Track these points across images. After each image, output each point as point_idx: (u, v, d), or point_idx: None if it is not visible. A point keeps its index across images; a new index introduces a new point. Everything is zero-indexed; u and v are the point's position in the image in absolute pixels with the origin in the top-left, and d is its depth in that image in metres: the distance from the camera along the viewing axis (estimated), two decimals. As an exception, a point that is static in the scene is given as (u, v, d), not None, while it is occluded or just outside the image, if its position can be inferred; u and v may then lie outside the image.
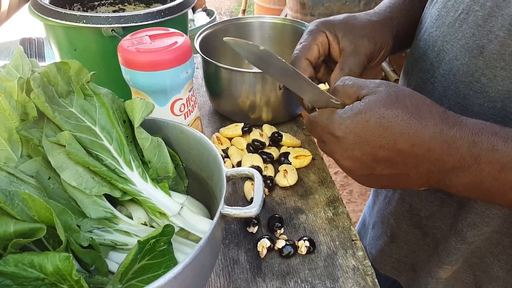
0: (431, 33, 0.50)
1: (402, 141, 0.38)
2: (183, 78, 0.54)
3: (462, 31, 0.45)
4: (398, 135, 0.38)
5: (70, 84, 0.45)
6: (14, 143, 0.44)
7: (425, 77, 0.51)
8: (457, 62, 0.46)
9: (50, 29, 0.65)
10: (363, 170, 0.41)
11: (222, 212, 0.39)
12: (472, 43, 0.44)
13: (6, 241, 0.35)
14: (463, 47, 0.45)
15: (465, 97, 0.46)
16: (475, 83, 0.44)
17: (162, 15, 0.63)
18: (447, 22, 0.47)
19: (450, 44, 0.47)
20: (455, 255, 0.53)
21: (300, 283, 0.49)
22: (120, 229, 0.44)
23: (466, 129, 0.37)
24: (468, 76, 0.45)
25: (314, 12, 2.14)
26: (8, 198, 0.35)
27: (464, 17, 0.45)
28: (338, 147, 0.41)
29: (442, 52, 0.48)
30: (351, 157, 0.41)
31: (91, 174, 0.43)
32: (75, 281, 0.35)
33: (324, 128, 0.42)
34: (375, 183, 0.43)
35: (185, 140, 0.50)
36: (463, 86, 0.46)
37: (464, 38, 0.45)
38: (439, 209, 0.54)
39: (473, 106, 0.45)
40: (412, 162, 0.39)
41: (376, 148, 0.39)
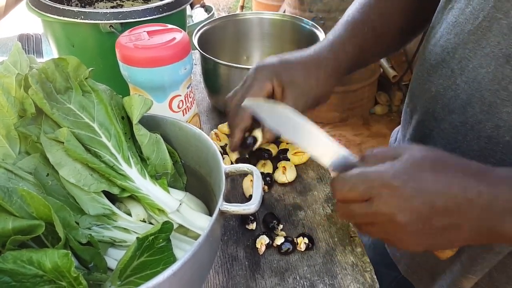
0: (449, 40, 0.50)
1: (456, 184, 0.39)
2: (182, 74, 0.54)
3: (486, 39, 0.44)
4: (452, 177, 0.39)
5: (68, 81, 0.45)
6: (12, 140, 0.44)
7: (446, 84, 0.51)
8: (482, 70, 0.45)
9: (48, 25, 0.65)
10: (417, 225, 0.40)
11: (221, 208, 0.39)
12: (498, 51, 0.43)
13: (4, 238, 0.35)
14: (488, 55, 0.45)
15: (491, 105, 0.45)
16: (502, 91, 0.44)
17: (161, 11, 0.63)
18: (466, 29, 0.47)
19: (473, 52, 0.46)
20: (481, 265, 0.52)
21: (299, 279, 0.49)
22: (118, 226, 0.44)
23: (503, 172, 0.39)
24: (494, 84, 0.45)
25: (312, 8, 2.13)
26: (6, 195, 0.35)
27: (487, 25, 0.44)
28: (396, 199, 0.39)
29: (465, 60, 0.47)
30: (409, 209, 0.39)
31: (89, 171, 0.43)
32: (74, 278, 0.35)
33: (374, 183, 0.40)
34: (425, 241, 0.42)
35: (184, 136, 0.50)
36: (489, 94, 0.45)
37: (489, 46, 0.44)
38: None
39: (500, 114, 0.45)
40: (465, 209, 0.39)
41: (434, 195, 0.39)
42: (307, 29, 0.79)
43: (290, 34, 0.83)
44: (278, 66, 0.55)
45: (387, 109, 2.46)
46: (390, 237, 0.42)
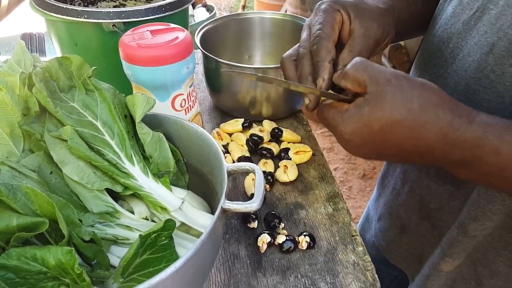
0: (446, 30, 0.51)
1: (406, 144, 0.39)
2: (184, 73, 0.54)
3: (477, 29, 0.46)
4: (403, 138, 0.39)
5: (72, 79, 0.45)
6: (16, 138, 0.44)
7: (438, 73, 0.52)
8: (469, 59, 0.47)
9: (51, 24, 0.65)
10: (371, 158, 0.44)
11: (223, 206, 0.39)
12: (484, 40, 0.45)
13: (8, 234, 0.36)
14: (476, 44, 0.46)
15: (474, 92, 0.47)
16: (484, 79, 0.45)
17: (163, 10, 0.63)
18: (462, 19, 0.48)
19: (464, 41, 0.48)
20: (457, 248, 0.54)
21: (300, 278, 0.50)
22: (121, 223, 0.44)
23: (471, 131, 0.37)
24: (478, 72, 0.46)
25: (313, 7, 2.13)
26: (10, 192, 0.35)
27: (479, 15, 0.46)
28: (345, 144, 0.43)
29: (457, 49, 0.49)
30: (359, 152, 0.43)
31: (92, 169, 0.43)
32: (77, 275, 0.35)
33: (332, 128, 0.43)
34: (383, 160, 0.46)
35: (186, 135, 0.50)
36: (473, 82, 0.47)
37: (477, 36, 0.46)
38: (447, 201, 0.55)
39: (482, 101, 0.46)
40: (416, 157, 0.41)
41: (381, 148, 0.41)
42: (309, 29, 0.79)
43: (292, 33, 0.83)
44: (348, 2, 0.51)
45: (389, 109, 2.46)
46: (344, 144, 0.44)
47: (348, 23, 0.50)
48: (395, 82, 0.39)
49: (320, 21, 0.50)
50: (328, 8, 0.50)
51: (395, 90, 0.38)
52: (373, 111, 0.39)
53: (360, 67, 0.41)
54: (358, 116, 0.39)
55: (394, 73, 0.40)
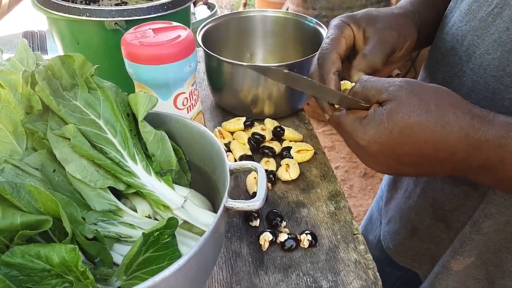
0: (460, 27, 0.50)
1: (427, 148, 0.38)
2: (186, 72, 0.54)
3: (496, 26, 0.45)
4: (423, 143, 0.38)
5: (75, 78, 0.45)
6: (19, 136, 0.44)
7: (452, 72, 0.51)
8: (488, 57, 0.46)
9: (53, 23, 0.65)
10: (389, 170, 0.43)
11: (226, 205, 0.39)
12: (506, 37, 0.44)
13: (13, 232, 0.36)
14: (496, 41, 0.45)
15: (494, 91, 0.46)
16: (506, 78, 0.44)
17: (165, 8, 0.63)
18: (478, 16, 0.47)
19: (481, 38, 0.47)
20: (468, 246, 0.53)
21: (302, 276, 0.50)
22: (124, 221, 0.44)
23: (493, 131, 0.37)
24: (499, 70, 0.45)
25: (315, 5, 2.13)
26: (14, 190, 0.36)
27: (498, 11, 0.44)
28: (362, 154, 0.42)
29: (472, 46, 0.48)
30: (376, 162, 0.42)
31: (95, 167, 0.43)
32: (81, 272, 0.35)
33: (348, 135, 0.42)
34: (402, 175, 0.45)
35: (188, 133, 0.50)
36: (493, 80, 0.45)
37: (497, 33, 0.44)
38: (463, 202, 0.54)
39: (503, 101, 0.45)
40: (437, 164, 0.40)
41: (401, 155, 0.39)
42: (310, 27, 0.79)
43: (294, 31, 0.83)
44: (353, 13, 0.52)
45: (390, 107, 2.46)
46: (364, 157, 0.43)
47: (361, 34, 0.51)
48: (407, 87, 0.39)
49: (328, 36, 0.51)
50: (338, 23, 0.51)
51: (409, 93, 0.38)
52: (391, 115, 0.38)
53: (367, 83, 0.41)
54: (377, 121, 0.39)
55: (404, 80, 0.40)
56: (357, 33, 0.51)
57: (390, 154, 0.40)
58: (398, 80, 0.40)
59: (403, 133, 0.38)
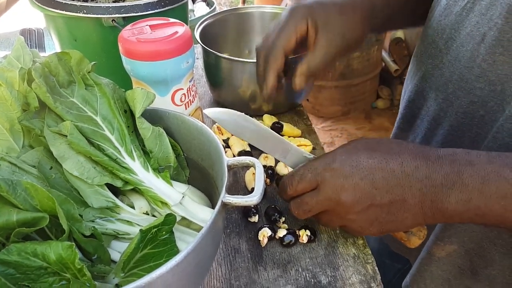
0: (440, 21, 0.53)
1: (392, 160, 0.42)
2: (184, 68, 0.54)
3: (468, 20, 0.48)
4: (387, 154, 0.42)
5: (71, 74, 0.45)
6: (16, 133, 0.44)
7: (434, 63, 0.54)
8: (462, 49, 0.49)
9: (51, 20, 0.65)
10: (364, 201, 0.43)
11: (223, 200, 0.39)
12: (476, 30, 0.47)
13: (9, 230, 0.36)
14: (468, 34, 0.48)
15: (467, 81, 0.49)
16: (476, 68, 0.47)
17: (163, 5, 0.63)
18: (455, 11, 0.50)
19: (457, 32, 0.50)
20: (448, 231, 0.55)
21: (301, 271, 0.50)
22: (122, 218, 0.44)
23: (443, 151, 0.42)
24: (470, 62, 0.48)
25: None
26: (10, 188, 0.35)
27: (471, 6, 0.48)
28: (337, 179, 0.43)
29: (450, 40, 0.51)
30: (351, 186, 0.43)
31: (92, 164, 0.43)
32: (78, 270, 0.35)
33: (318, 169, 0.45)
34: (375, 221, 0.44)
35: (186, 130, 0.50)
36: (467, 71, 0.49)
37: (469, 26, 0.48)
38: None
39: (475, 90, 0.48)
40: (405, 183, 0.41)
41: (372, 170, 0.42)
42: (309, 23, 0.79)
43: (292, 27, 0.83)
44: (314, 6, 0.53)
45: (389, 103, 2.46)
46: (345, 222, 0.46)
47: (314, 32, 0.53)
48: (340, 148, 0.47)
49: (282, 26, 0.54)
50: (295, 15, 0.53)
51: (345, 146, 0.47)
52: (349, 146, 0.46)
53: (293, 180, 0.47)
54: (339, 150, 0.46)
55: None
56: (311, 29, 0.53)
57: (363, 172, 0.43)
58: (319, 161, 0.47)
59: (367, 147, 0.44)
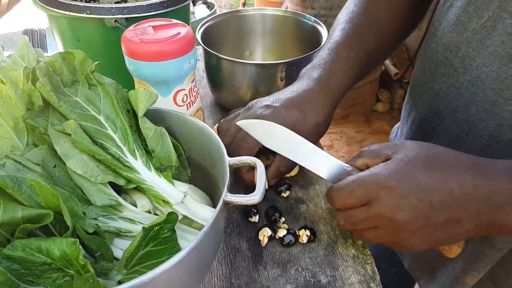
0: (452, 38, 0.50)
1: (450, 179, 0.40)
2: (186, 68, 0.54)
3: (491, 39, 0.45)
4: (445, 172, 0.40)
5: (75, 74, 0.45)
6: (20, 132, 0.45)
7: (449, 83, 0.51)
8: (485, 69, 0.46)
9: (54, 20, 0.66)
10: (419, 221, 0.41)
11: (225, 199, 0.39)
12: (502, 50, 0.44)
13: (14, 226, 0.36)
14: (492, 54, 0.45)
15: (494, 103, 0.46)
16: (506, 91, 0.45)
17: (165, 6, 0.64)
18: (470, 28, 0.47)
19: (476, 50, 0.47)
20: (483, 261, 0.53)
21: (301, 271, 0.50)
22: (124, 216, 0.45)
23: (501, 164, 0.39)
24: (497, 83, 0.45)
25: (314, 5, 2.13)
26: (16, 184, 0.36)
27: (492, 25, 0.45)
28: (393, 198, 0.41)
29: (468, 58, 0.48)
30: (408, 207, 0.41)
31: (96, 163, 0.44)
32: (82, 266, 0.36)
33: (370, 186, 0.42)
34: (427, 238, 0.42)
35: (188, 130, 0.51)
36: (492, 93, 0.46)
37: (492, 46, 0.45)
38: None
39: (503, 113, 0.46)
40: (463, 204, 0.40)
41: (430, 191, 0.40)
42: (309, 25, 0.79)
43: (293, 30, 0.83)
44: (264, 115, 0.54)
45: (389, 107, 2.47)
46: (394, 239, 0.43)
47: None
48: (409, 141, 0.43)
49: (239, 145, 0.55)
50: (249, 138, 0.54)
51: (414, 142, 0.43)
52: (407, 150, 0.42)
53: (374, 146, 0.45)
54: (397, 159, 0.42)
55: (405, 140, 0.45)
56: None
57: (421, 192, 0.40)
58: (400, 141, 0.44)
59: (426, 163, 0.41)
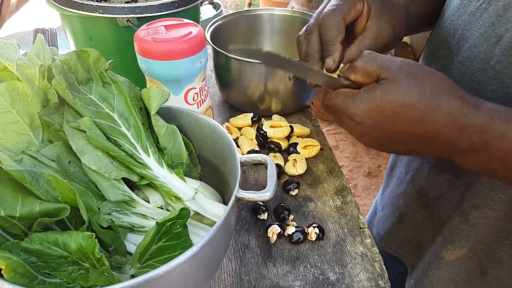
0: (453, 21, 0.52)
1: (416, 128, 0.40)
2: (197, 67, 0.55)
3: (483, 20, 0.47)
4: (413, 123, 0.40)
5: (90, 72, 0.46)
6: (36, 128, 0.45)
7: (444, 64, 0.53)
8: (475, 50, 0.47)
9: (66, 19, 0.67)
10: (380, 146, 0.44)
11: (237, 195, 0.40)
12: (491, 31, 0.46)
13: (31, 220, 0.37)
14: (482, 35, 0.47)
15: (480, 83, 0.47)
16: (490, 70, 0.46)
17: (176, 6, 0.64)
18: (468, 11, 0.49)
19: (470, 32, 0.48)
20: (458, 236, 0.55)
21: (310, 268, 0.51)
22: (137, 212, 0.45)
23: (479, 116, 0.39)
24: (484, 63, 0.47)
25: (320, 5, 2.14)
26: (34, 179, 0.37)
27: (486, 7, 0.46)
28: (355, 129, 0.43)
29: (462, 40, 0.49)
30: (368, 137, 0.43)
31: (110, 159, 0.44)
32: (97, 259, 0.37)
33: (342, 112, 0.42)
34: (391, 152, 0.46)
35: (199, 128, 0.51)
36: (479, 72, 0.47)
37: (483, 27, 0.46)
38: (447, 190, 0.56)
39: (486, 92, 0.47)
40: (424, 143, 0.41)
41: (391, 132, 0.41)
42: (317, 25, 0.80)
43: (300, 30, 0.84)
44: None
45: (394, 107, 2.46)
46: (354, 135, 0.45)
47: (366, 17, 0.50)
48: (406, 68, 0.40)
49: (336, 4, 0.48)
50: None
51: (407, 75, 0.40)
52: (386, 93, 0.39)
53: (370, 59, 0.42)
54: (371, 98, 0.40)
55: (405, 61, 0.41)
56: (364, 14, 0.50)
57: (381, 131, 0.41)
58: (400, 60, 0.41)
59: (394, 112, 0.40)
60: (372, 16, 0.50)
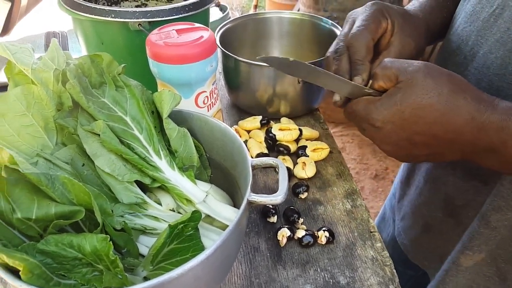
0: (465, 28, 0.52)
1: (436, 128, 0.41)
2: (208, 71, 0.56)
3: (497, 26, 0.47)
4: (433, 123, 0.41)
5: (103, 76, 0.47)
6: (50, 131, 0.46)
7: (458, 71, 0.52)
8: (491, 56, 0.48)
9: (78, 23, 0.67)
10: (401, 152, 0.45)
11: (249, 199, 0.40)
12: (507, 37, 0.46)
13: (47, 222, 0.38)
14: (498, 41, 0.47)
15: (498, 89, 0.48)
16: (508, 76, 0.46)
17: (187, 10, 0.65)
18: (481, 17, 0.49)
19: (484, 38, 0.49)
20: (478, 240, 0.54)
21: (320, 271, 0.51)
22: (149, 214, 0.46)
23: (496, 114, 0.39)
24: (502, 69, 0.47)
25: (327, 7, 2.14)
26: (49, 182, 0.37)
27: (500, 12, 0.47)
28: (377, 135, 0.44)
29: (476, 46, 0.50)
30: (390, 143, 0.44)
31: (123, 162, 0.45)
32: (111, 261, 0.37)
33: (363, 118, 0.44)
34: (414, 160, 0.46)
35: (209, 131, 0.52)
36: (497, 78, 0.48)
37: (499, 33, 0.47)
38: (473, 197, 0.56)
39: (506, 98, 0.46)
40: (446, 145, 0.42)
41: (412, 135, 0.42)
42: (326, 28, 0.80)
43: (309, 33, 0.84)
44: (392, 7, 0.52)
45: (401, 110, 2.45)
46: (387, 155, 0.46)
47: (390, 34, 0.51)
48: (424, 69, 0.41)
49: (367, 18, 0.50)
50: (378, 11, 0.51)
51: (425, 76, 0.40)
52: (405, 96, 0.41)
53: (387, 64, 0.43)
54: (391, 102, 0.41)
55: (423, 63, 0.42)
56: (388, 31, 0.51)
57: (402, 134, 0.42)
58: (417, 62, 0.42)
59: (414, 114, 0.41)
60: (395, 32, 0.51)
